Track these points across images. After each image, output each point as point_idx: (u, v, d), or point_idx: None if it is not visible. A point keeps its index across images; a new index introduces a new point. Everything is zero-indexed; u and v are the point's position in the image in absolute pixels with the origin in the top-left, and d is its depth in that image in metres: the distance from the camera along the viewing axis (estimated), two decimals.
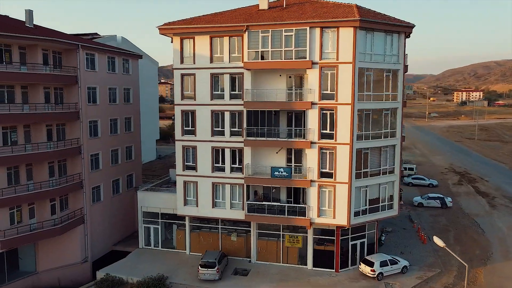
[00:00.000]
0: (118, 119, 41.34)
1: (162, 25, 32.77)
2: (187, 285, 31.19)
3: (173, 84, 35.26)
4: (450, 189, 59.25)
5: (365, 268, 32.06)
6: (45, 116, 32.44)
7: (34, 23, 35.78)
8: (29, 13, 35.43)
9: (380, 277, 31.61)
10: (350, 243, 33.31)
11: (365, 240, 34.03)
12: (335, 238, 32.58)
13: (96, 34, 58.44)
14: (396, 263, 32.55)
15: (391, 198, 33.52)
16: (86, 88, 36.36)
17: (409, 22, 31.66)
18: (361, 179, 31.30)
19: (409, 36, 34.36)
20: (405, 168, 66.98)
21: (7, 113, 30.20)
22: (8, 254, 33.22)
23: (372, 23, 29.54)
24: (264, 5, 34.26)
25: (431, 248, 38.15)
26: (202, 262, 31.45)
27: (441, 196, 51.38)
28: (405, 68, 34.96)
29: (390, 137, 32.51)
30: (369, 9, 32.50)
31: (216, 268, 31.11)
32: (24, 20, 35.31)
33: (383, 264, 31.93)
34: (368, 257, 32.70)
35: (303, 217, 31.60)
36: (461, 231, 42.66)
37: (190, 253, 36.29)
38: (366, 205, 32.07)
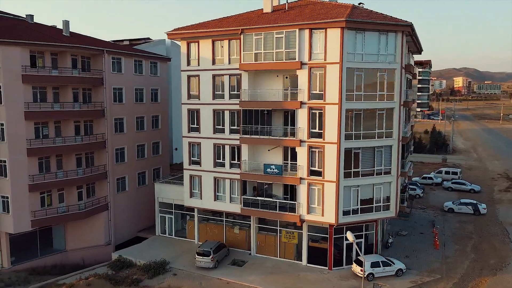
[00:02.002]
0: (145, 117, 45.25)
1: (170, 31, 35.67)
2: (184, 270, 33.72)
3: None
4: (493, 196, 55.42)
5: (356, 268, 32.15)
6: (71, 113, 37.02)
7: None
8: (66, 23, 40.53)
9: (370, 278, 31.50)
10: (345, 242, 33.49)
11: (362, 240, 33.95)
12: (328, 236, 33.04)
13: (148, 38, 63.76)
14: (390, 265, 32.13)
15: (387, 199, 33.07)
16: (111, 88, 40.58)
17: (406, 21, 31.12)
18: (351, 179, 31.43)
19: (412, 35, 33.70)
20: (448, 172, 63.72)
21: (37, 110, 35.09)
22: (41, 233, 38.45)
23: (361, 23, 29.63)
24: (268, 9, 35.67)
25: (442, 254, 36.76)
26: (198, 251, 33.77)
27: (474, 202, 48.50)
28: (409, 67, 34.34)
29: (385, 138, 32.15)
30: (365, 9, 32.50)
31: (210, 257, 33.23)
32: (70, 29, 40.60)
33: (374, 265, 31.75)
34: (360, 257, 32.65)
35: (294, 214, 32.54)
36: (485, 239, 40.28)
37: (199, 242, 38.81)
38: (357, 205, 32.09)
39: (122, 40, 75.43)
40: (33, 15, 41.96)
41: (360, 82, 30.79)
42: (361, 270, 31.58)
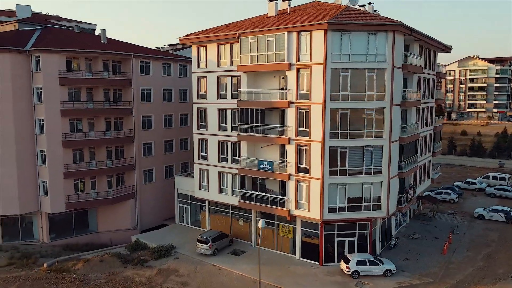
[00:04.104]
0: (173, 115, 49.36)
1: (182, 36, 39.02)
2: (186, 255, 36.84)
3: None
4: None
5: (342, 265, 32.70)
6: (101, 111, 42.16)
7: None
8: (103, 31, 46.03)
9: (355, 276, 31.86)
10: (337, 239, 34.11)
11: (355, 238, 34.29)
12: (319, 232, 33.94)
13: None
14: (377, 264, 32.17)
15: (378, 199, 33.05)
16: (139, 89, 45.17)
17: (396, 20, 31.00)
18: (337, 177, 32.06)
19: (411, 34, 33.25)
20: (496, 178, 59.57)
21: (71, 108, 40.60)
22: (79, 215, 44.19)
23: (345, 24, 30.21)
24: (272, 13, 37.46)
25: (447, 260, 35.60)
26: (199, 238, 36.69)
27: (507, 209, 45.40)
28: (406, 66, 33.90)
29: (375, 137, 32.23)
30: (358, 10, 32.90)
31: (209, 244, 35.96)
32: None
33: (360, 263, 32.03)
34: (348, 255, 33.15)
35: (283, 208, 34.01)
36: (505, 249, 37.96)
37: None
38: (344, 203, 32.59)
39: (176, 44, 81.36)
40: (79, 25, 48.21)
41: (347, 82, 31.31)
42: (347, 268, 32.14)
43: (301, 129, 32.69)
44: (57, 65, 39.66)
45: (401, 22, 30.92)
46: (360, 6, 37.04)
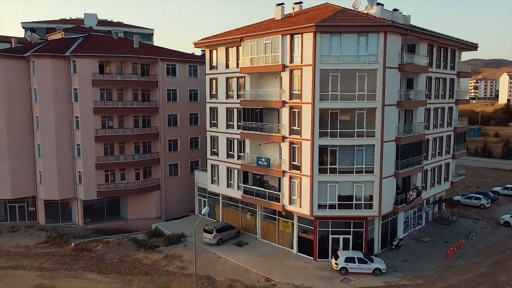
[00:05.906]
0: (199, 114, 52.68)
1: (197, 41, 41.99)
2: (193, 243, 39.73)
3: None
4: None
5: (332, 261, 33.51)
6: (128, 109, 46.56)
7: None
8: (136, 38, 50.57)
9: (343, 272, 32.56)
10: (331, 236, 34.94)
11: (350, 236, 34.85)
12: (313, 228, 35.01)
13: None
14: (366, 263, 32.54)
15: (370, 198, 33.33)
16: (165, 90, 49.04)
17: (388, 20, 31.17)
18: (327, 175, 32.92)
19: (408, 34, 33.12)
20: None
21: (102, 107, 45.41)
22: (111, 203, 49.05)
23: (334, 26, 31.07)
24: (278, 16, 39.07)
25: (448, 264, 34.83)
26: (205, 228, 39.44)
27: None
28: (403, 66, 33.76)
29: (366, 137, 32.59)
30: (353, 12, 33.41)
31: (212, 234, 38.56)
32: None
33: (348, 260, 32.66)
34: (339, 251, 33.86)
35: (278, 203, 35.54)
36: None
37: None
38: (335, 200, 33.33)
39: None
40: (117, 32, 53.20)
41: (337, 82, 32.07)
42: (335, 264, 32.94)
43: (293, 127, 34.02)
44: (90, 68, 44.61)
45: (392, 22, 31.04)
46: (377, 4, 37.16)
